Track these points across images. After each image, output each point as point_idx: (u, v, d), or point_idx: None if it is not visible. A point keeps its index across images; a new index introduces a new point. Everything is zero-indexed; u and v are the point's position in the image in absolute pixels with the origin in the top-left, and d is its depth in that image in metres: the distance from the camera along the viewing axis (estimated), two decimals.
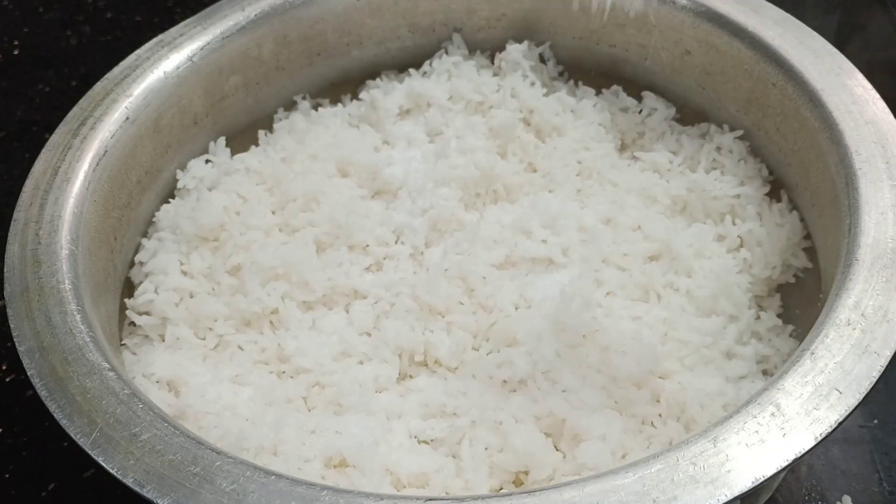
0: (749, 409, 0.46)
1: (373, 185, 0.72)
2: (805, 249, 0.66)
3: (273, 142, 0.77)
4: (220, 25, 0.73)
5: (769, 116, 0.69)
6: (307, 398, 0.60)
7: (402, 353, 0.62)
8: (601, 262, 0.65)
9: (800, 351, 0.48)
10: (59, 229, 0.58)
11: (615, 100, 0.78)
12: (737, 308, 0.62)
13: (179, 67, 0.71)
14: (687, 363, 0.60)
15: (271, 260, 0.64)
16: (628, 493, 0.43)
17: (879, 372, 0.46)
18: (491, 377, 0.59)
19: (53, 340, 0.52)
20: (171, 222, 0.69)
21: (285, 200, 0.70)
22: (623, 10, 0.75)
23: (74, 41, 1.06)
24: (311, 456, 0.54)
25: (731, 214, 0.68)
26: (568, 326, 0.60)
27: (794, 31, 0.67)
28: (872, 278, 0.51)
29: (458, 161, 0.71)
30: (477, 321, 0.62)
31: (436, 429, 0.57)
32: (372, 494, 0.44)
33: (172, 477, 0.45)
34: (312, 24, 0.78)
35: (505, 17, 0.81)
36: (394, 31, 0.81)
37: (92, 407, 0.48)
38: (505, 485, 0.55)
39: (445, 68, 0.79)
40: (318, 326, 0.63)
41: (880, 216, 0.54)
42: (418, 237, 0.67)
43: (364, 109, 0.78)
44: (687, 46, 0.74)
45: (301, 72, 0.80)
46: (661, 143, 0.75)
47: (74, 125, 0.65)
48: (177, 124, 0.72)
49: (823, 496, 0.62)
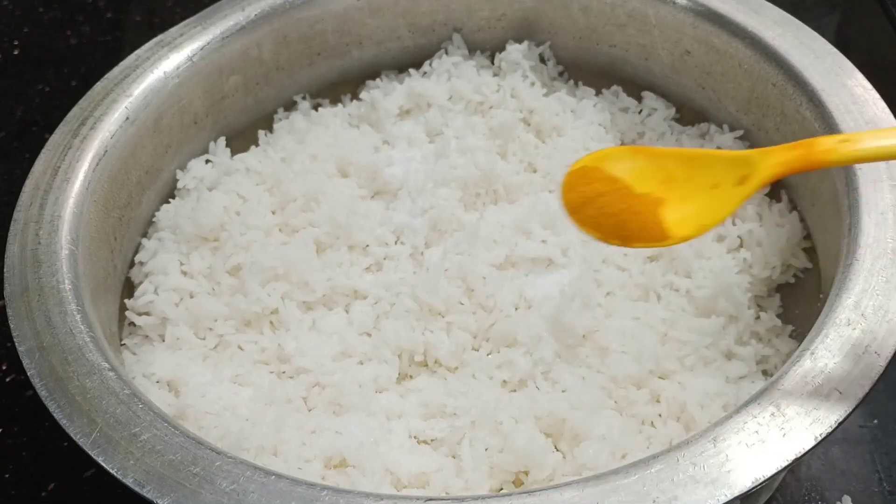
0: (749, 409, 0.46)
1: (373, 185, 0.72)
2: (805, 249, 0.66)
3: (273, 142, 0.77)
4: (220, 25, 0.73)
5: (769, 116, 0.69)
6: (307, 398, 0.60)
7: (402, 354, 0.62)
8: (601, 263, 0.65)
9: (800, 351, 0.48)
10: (59, 229, 0.58)
11: (615, 100, 0.78)
12: (737, 308, 0.62)
13: (179, 67, 0.71)
14: (687, 363, 0.60)
15: (271, 260, 0.64)
16: (628, 493, 0.43)
17: (879, 372, 0.47)
18: (491, 377, 0.59)
19: (53, 340, 0.52)
20: (171, 222, 0.69)
21: (285, 200, 0.70)
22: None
23: (74, 41, 1.06)
24: (311, 456, 0.55)
25: (731, 214, 0.68)
26: (568, 326, 0.60)
27: (794, 31, 0.67)
28: (872, 278, 0.51)
29: (458, 161, 0.71)
30: (477, 321, 0.62)
31: (436, 429, 0.57)
32: (372, 494, 0.44)
33: (172, 477, 0.45)
34: (312, 24, 0.78)
35: (505, 17, 0.81)
36: (394, 31, 0.81)
37: (92, 407, 0.48)
38: (505, 485, 0.55)
39: (445, 68, 0.79)
40: (318, 326, 0.63)
41: (880, 216, 0.54)
42: (418, 237, 0.67)
43: (364, 109, 0.79)
44: (687, 46, 0.74)
45: (301, 72, 0.80)
46: (661, 143, 0.75)
47: (74, 125, 0.65)
48: (177, 124, 0.72)
49: (823, 496, 0.62)
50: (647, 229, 0.41)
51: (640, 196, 0.42)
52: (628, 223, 0.42)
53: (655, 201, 0.42)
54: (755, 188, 0.40)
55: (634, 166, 0.42)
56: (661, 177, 0.42)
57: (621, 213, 0.42)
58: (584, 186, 0.42)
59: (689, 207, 0.42)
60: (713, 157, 0.42)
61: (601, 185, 0.42)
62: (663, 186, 0.42)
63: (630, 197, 0.42)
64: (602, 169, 0.43)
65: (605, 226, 0.42)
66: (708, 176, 0.42)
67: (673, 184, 0.42)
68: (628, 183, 0.42)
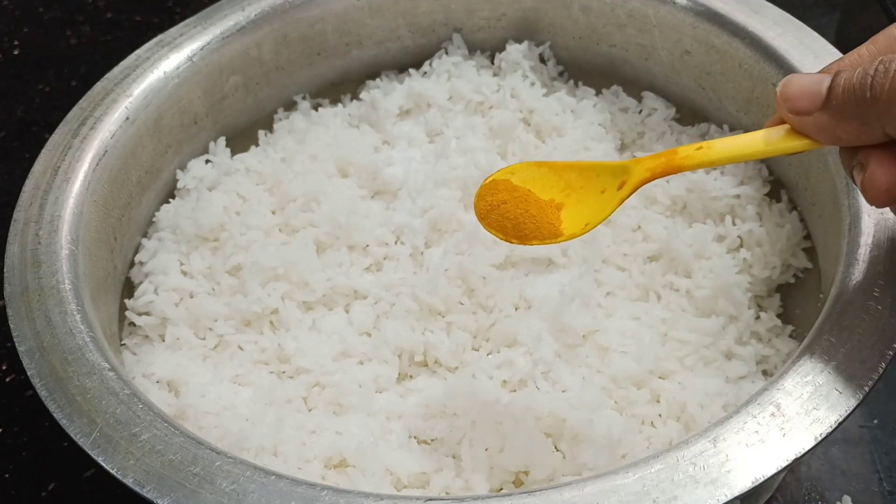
0: (749, 409, 0.46)
1: (373, 185, 0.72)
2: (805, 249, 0.66)
3: (273, 142, 0.77)
4: (220, 25, 0.73)
5: (769, 116, 0.68)
6: (307, 398, 0.60)
7: (402, 354, 0.62)
8: (601, 263, 0.65)
9: (800, 351, 0.48)
10: (59, 229, 0.58)
11: (615, 100, 0.78)
12: (737, 308, 0.62)
13: (179, 67, 0.71)
14: (687, 363, 0.60)
15: (271, 260, 0.64)
16: (628, 493, 0.43)
17: (880, 372, 0.46)
18: (491, 377, 0.59)
19: (53, 340, 0.52)
20: (171, 222, 0.69)
21: (285, 200, 0.70)
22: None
23: (74, 41, 1.06)
24: (311, 456, 0.55)
25: (731, 214, 0.68)
26: (568, 326, 0.60)
27: (794, 31, 0.67)
28: (872, 278, 0.51)
29: (458, 161, 0.71)
30: (477, 321, 0.62)
31: (436, 429, 0.57)
32: (372, 494, 0.44)
33: (172, 477, 0.45)
34: (312, 24, 0.78)
35: (505, 17, 0.81)
36: (394, 31, 0.81)
37: (92, 407, 0.48)
38: (505, 485, 0.55)
39: (445, 68, 0.79)
40: (318, 327, 0.63)
41: (880, 216, 0.54)
42: (418, 237, 0.67)
43: (364, 109, 0.79)
44: (687, 46, 0.74)
45: (301, 72, 0.80)
46: (661, 144, 0.75)
47: (74, 125, 0.65)
48: (177, 124, 0.72)
49: (823, 496, 0.62)
50: (541, 229, 0.49)
51: (542, 202, 0.49)
52: (525, 225, 0.49)
53: (557, 206, 0.49)
54: (630, 190, 0.48)
55: (538, 177, 0.50)
56: (561, 185, 0.50)
57: (519, 216, 0.49)
58: (491, 196, 0.50)
59: (582, 209, 0.49)
60: (601, 167, 0.50)
61: (505, 195, 0.50)
62: (563, 193, 0.50)
63: (528, 203, 0.49)
64: (509, 181, 0.50)
65: (507, 228, 0.49)
66: (598, 183, 0.49)
67: (571, 190, 0.50)
68: (532, 191, 0.50)
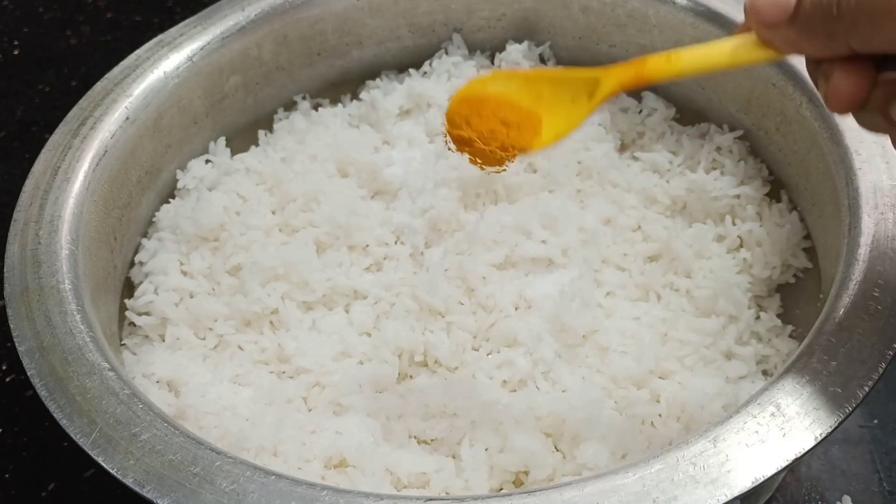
0: (749, 409, 0.46)
1: (373, 185, 0.72)
2: (805, 249, 0.66)
3: (273, 142, 0.77)
4: (220, 25, 0.73)
5: (769, 116, 0.69)
6: (307, 398, 0.60)
7: (402, 354, 0.62)
8: (601, 263, 0.65)
9: (800, 351, 0.48)
10: (59, 229, 0.58)
11: (615, 100, 0.78)
12: (737, 308, 0.62)
13: (179, 67, 0.71)
14: (687, 363, 0.60)
15: (271, 260, 0.64)
16: (628, 493, 0.43)
17: (880, 372, 0.47)
18: (491, 377, 0.59)
19: (53, 340, 0.52)
20: (171, 222, 0.69)
21: (285, 200, 0.70)
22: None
23: (74, 41, 1.06)
24: (311, 456, 0.55)
25: (731, 215, 0.68)
26: (568, 326, 0.60)
27: None
28: (872, 278, 0.51)
29: (458, 161, 0.71)
30: (477, 321, 0.62)
31: (436, 429, 0.57)
32: (372, 494, 0.44)
33: (172, 477, 0.45)
34: (312, 24, 0.78)
35: (505, 17, 0.81)
36: (394, 31, 0.81)
37: (92, 407, 0.48)
38: (505, 485, 0.55)
39: (445, 68, 0.79)
40: (318, 327, 0.63)
41: (880, 216, 0.54)
42: (418, 237, 0.67)
43: (364, 109, 0.79)
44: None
45: (301, 72, 0.80)
46: (660, 144, 0.75)
47: (74, 125, 0.65)
48: (177, 124, 0.72)
49: (823, 496, 0.62)
50: (518, 137, 0.48)
51: (519, 110, 0.49)
52: (498, 132, 0.49)
53: (535, 116, 0.49)
54: (601, 100, 0.47)
55: (510, 89, 0.50)
56: (533, 95, 0.49)
57: (495, 126, 0.49)
58: (467, 109, 0.49)
59: (554, 119, 0.49)
60: (571, 78, 0.49)
61: (479, 105, 0.49)
62: (535, 103, 0.49)
63: (504, 110, 0.49)
64: (483, 92, 0.49)
65: (484, 137, 0.49)
66: (568, 91, 0.49)
67: (542, 100, 0.49)
68: (509, 99, 0.49)
